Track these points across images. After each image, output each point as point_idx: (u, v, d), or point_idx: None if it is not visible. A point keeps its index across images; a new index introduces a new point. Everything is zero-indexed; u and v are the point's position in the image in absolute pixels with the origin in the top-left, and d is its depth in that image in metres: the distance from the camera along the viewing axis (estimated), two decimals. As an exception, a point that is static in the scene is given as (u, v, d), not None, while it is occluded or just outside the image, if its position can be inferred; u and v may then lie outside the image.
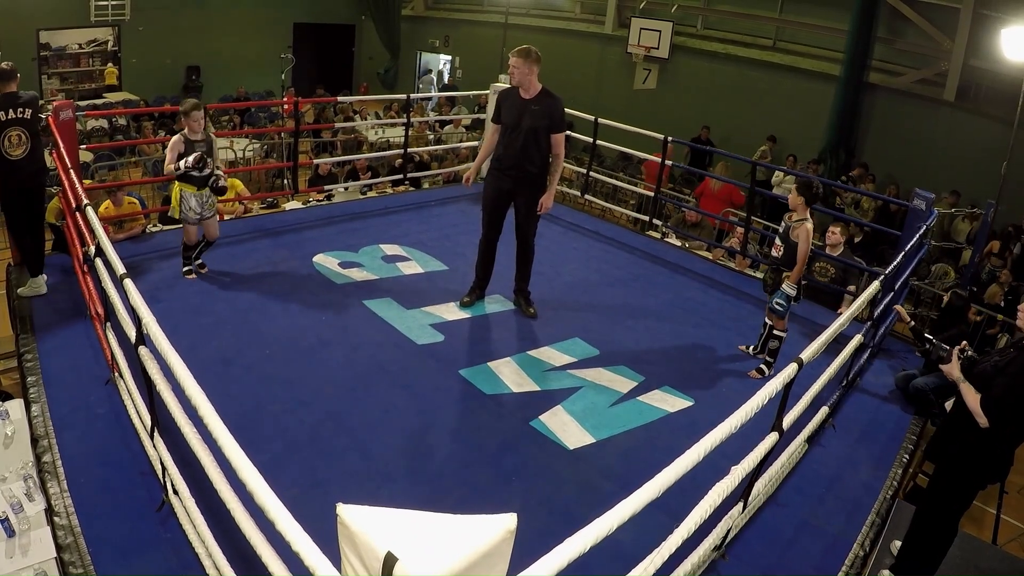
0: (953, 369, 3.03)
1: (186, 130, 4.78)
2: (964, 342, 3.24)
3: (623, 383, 4.33)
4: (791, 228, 4.38)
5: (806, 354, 2.80)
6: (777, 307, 4.42)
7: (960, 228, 8.95)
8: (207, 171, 4.79)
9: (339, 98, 9.89)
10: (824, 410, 3.82)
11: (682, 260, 6.55)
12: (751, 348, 4.91)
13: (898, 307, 4.91)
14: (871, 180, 10.05)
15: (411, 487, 3.32)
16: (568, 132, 8.42)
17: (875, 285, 3.93)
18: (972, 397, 2.88)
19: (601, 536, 1.69)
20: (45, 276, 4.84)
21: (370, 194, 8.07)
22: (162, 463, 2.88)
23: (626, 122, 7.40)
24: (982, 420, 2.82)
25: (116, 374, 3.72)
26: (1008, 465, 2.97)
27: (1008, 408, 2.80)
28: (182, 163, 4.68)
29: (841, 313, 5.35)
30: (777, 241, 4.52)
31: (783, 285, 4.40)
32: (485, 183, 4.88)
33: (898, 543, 3.25)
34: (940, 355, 3.14)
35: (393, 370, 4.25)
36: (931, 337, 3.47)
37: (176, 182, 4.84)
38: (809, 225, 4.32)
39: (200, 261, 5.23)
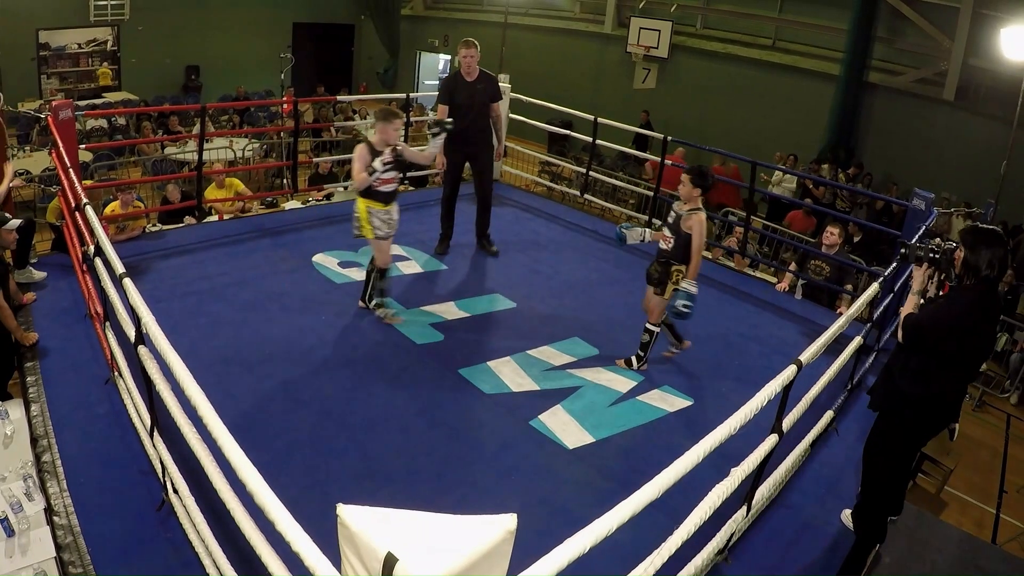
0: (916, 279, 3.09)
1: (375, 140, 4.40)
2: (937, 239, 3.25)
3: (623, 383, 4.33)
4: (682, 218, 4.03)
5: (805, 355, 2.79)
6: (684, 310, 4.04)
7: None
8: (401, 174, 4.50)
9: (338, 97, 9.89)
10: (829, 414, 3.80)
11: (682, 260, 6.54)
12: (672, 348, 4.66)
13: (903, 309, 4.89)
14: (866, 177, 10.07)
15: (411, 487, 3.32)
16: (567, 132, 8.48)
17: (875, 286, 3.92)
18: (905, 310, 2.98)
19: (601, 536, 1.69)
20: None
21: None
22: (162, 462, 2.88)
23: (625, 122, 7.40)
24: (899, 333, 2.95)
25: (116, 374, 3.72)
26: (949, 412, 3.00)
27: (921, 334, 2.87)
28: (377, 162, 4.26)
29: (840, 312, 5.36)
30: (666, 232, 4.15)
31: (683, 283, 4.05)
32: (454, 154, 5.66)
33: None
34: (918, 255, 3.13)
35: (393, 370, 4.24)
36: (905, 242, 3.48)
37: (360, 199, 4.46)
38: (702, 215, 4.03)
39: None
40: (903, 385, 2.94)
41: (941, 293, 3.27)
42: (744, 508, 2.90)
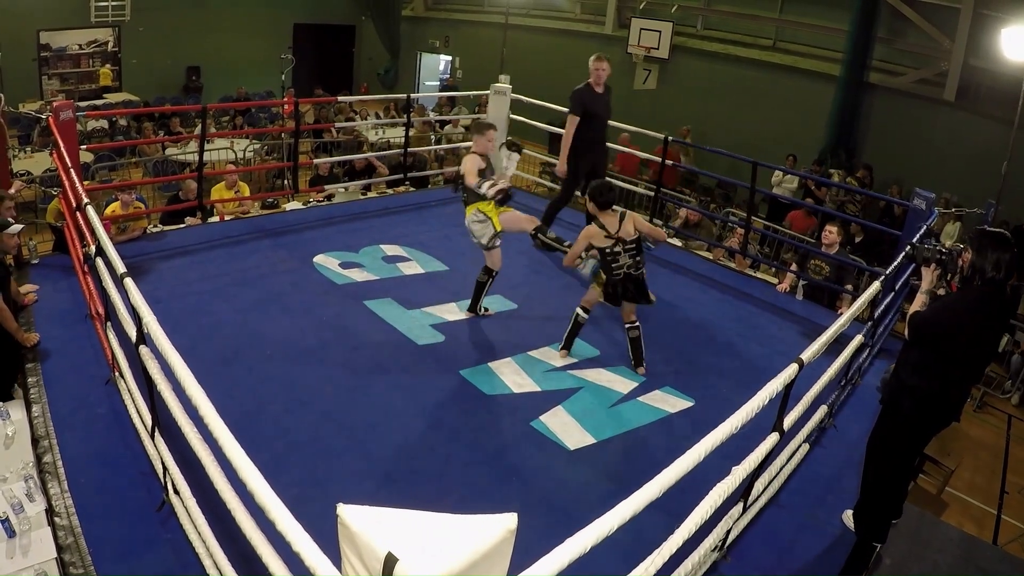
0: (925, 279, 3.16)
1: (477, 150, 4.71)
2: (948, 243, 3.30)
3: (623, 383, 4.33)
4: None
5: (807, 354, 2.80)
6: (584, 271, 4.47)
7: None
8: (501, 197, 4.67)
9: (339, 98, 9.89)
10: (823, 409, 3.82)
11: (682, 260, 6.54)
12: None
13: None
14: (869, 180, 10.06)
15: (411, 487, 3.32)
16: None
17: (876, 285, 3.93)
18: (913, 308, 3.05)
19: (601, 536, 1.69)
20: None
21: (370, 194, 8.07)
22: (162, 463, 2.88)
23: (626, 122, 7.40)
24: (907, 329, 3.03)
25: (116, 374, 3.72)
26: (951, 411, 3.04)
27: (923, 329, 2.94)
28: (485, 186, 4.50)
29: (840, 312, 5.36)
30: None
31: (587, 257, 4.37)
32: (580, 161, 5.82)
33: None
34: (925, 256, 3.19)
35: (393, 370, 4.25)
36: (912, 243, 3.52)
37: (478, 204, 4.62)
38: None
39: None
40: (904, 376, 2.99)
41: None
42: (741, 504, 2.90)
